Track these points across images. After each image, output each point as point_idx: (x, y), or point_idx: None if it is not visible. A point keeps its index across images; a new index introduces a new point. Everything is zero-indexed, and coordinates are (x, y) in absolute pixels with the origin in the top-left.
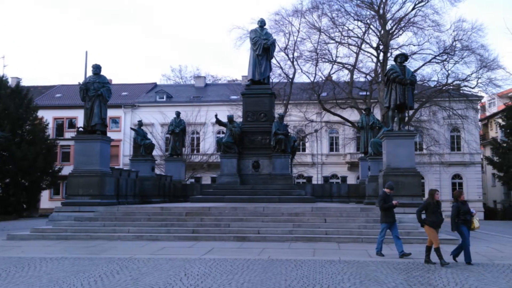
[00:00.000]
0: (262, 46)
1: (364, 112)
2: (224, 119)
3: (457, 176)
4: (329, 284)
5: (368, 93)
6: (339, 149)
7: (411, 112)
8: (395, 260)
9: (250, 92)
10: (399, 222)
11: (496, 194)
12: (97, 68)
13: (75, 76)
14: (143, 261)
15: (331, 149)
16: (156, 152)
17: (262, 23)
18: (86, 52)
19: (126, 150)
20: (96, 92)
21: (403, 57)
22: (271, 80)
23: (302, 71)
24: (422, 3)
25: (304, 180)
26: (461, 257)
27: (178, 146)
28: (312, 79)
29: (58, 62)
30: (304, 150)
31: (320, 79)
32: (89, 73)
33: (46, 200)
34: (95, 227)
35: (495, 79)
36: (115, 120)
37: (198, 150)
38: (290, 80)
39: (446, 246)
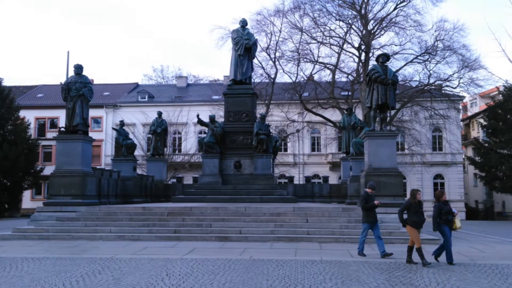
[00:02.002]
0: (244, 46)
1: (346, 112)
2: (206, 119)
3: (439, 176)
4: (310, 284)
5: (350, 93)
6: (321, 149)
7: (393, 112)
8: (377, 260)
9: (232, 92)
10: (381, 222)
11: (477, 194)
12: (79, 68)
13: (57, 76)
14: (125, 261)
15: (313, 149)
16: (138, 152)
17: (244, 23)
18: (68, 52)
19: (108, 150)
20: (78, 92)
21: (385, 57)
22: (253, 80)
23: (284, 71)
24: (404, 3)
25: (286, 180)
26: (442, 257)
27: (160, 146)
28: (294, 79)
29: (40, 62)
30: (286, 150)
31: (302, 79)
32: (71, 73)
33: (28, 200)
34: (77, 227)
35: (477, 79)
36: (97, 120)
37: (180, 150)
38: (272, 80)
39: (428, 246)
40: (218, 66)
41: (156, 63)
